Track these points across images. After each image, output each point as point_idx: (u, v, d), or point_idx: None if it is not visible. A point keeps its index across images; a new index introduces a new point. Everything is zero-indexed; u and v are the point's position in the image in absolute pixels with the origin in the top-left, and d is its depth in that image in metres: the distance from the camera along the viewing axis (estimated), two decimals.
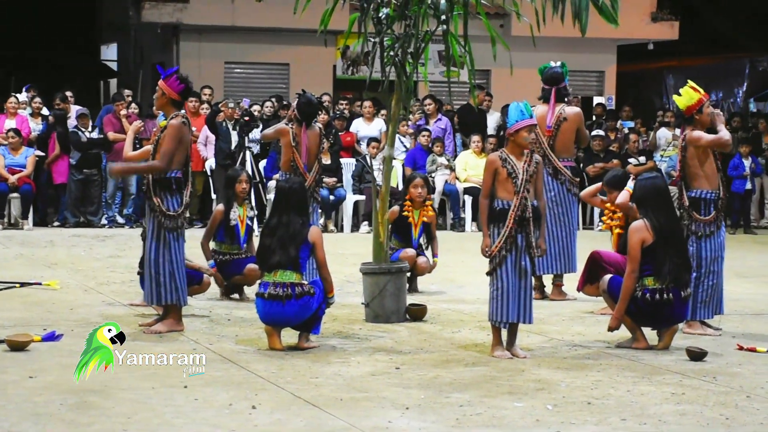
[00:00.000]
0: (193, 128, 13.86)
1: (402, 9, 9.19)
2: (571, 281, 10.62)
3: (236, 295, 10.46)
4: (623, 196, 9.56)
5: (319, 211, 10.98)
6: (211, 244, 10.42)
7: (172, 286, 8.58)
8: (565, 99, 10.77)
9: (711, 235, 8.94)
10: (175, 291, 8.60)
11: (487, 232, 7.96)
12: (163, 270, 8.55)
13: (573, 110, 10.74)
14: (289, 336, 8.20)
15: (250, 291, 10.10)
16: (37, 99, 17.89)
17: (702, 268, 8.90)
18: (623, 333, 8.52)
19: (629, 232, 8.39)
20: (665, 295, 8.22)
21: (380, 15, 9.27)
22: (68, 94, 18.20)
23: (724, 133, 8.89)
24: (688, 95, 8.98)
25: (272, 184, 14.62)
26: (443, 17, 8.95)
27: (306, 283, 8.05)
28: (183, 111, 8.82)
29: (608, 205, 9.93)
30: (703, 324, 9.05)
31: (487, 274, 8.02)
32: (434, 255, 11.18)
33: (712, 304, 8.97)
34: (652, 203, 8.36)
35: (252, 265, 9.98)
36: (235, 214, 10.43)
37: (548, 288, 10.88)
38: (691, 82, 9.10)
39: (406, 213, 10.98)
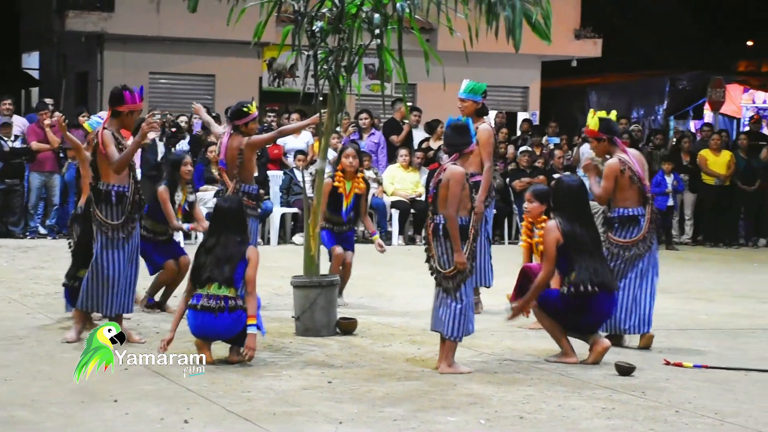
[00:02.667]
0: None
1: (336, 22, 9.19)
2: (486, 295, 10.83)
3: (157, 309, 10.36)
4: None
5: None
6: (147, 222, 10.25)
7: (116, 296, 8.59)
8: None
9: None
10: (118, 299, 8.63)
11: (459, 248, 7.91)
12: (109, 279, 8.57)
13: (484, 128, 10.78)
14: (220, 349, 8.13)
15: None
16: None
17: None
18: (552, 347, 8.58)
19: (544, 232, 8.48)
20: (590, 287, 8.27)
21: (314, 28, 9.26)
22: (7, 102, 17.71)
23: (595, 189, 9.09)
24: (592, 121, 9.10)
25: (199, 195, 14.48)
26: (377, 31, 8.97)
27: (240, 297, 7.99)
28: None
29: (525, 222, 9.96)
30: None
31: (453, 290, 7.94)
32: (371, 233, 11.17)
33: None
34: (563, 205, 8.43)
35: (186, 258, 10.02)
36: (179, 198, 10.38)
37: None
38: (598, 113, 9.18)
39: (337, 184, 10.90)
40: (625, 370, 8.04)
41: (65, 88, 24.68)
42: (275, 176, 17.63)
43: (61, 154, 16.92)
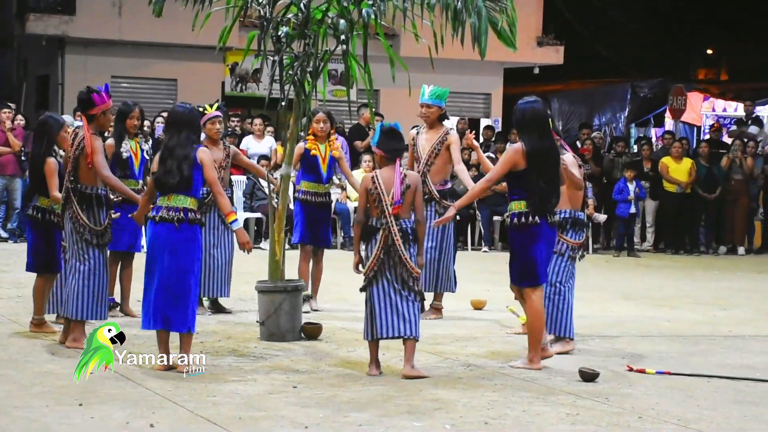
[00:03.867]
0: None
1: (302, 28, 9.20)
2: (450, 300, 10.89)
3: (119, 313, 10.29)
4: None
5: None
6: None
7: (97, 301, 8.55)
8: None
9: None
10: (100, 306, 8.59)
11: None
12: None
13: (455, 134, 10.86)
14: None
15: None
16: None
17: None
18: (515, 352, 8.62)
19: (507, 150, 8.44)
20: (531, 218, 8.24)
21: (279, 33, 9.26)
22: None
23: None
24: None
25: None
26: (343, 37, 8.98)
27: (196, 211, 7.89)
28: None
29: None
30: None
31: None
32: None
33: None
34: (528, 127, 8.31)
35: None
36: (126, 146, 10.22)
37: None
38: None
39: (309, 146, 10.82)
40: (588, 376, 8.08)
41: (26, 92, 24.52)
42: (239, 181, 17.60)
43: (23, 157, 16.81)
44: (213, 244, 10.49)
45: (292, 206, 11.38)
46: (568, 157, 9.01)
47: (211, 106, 10.38)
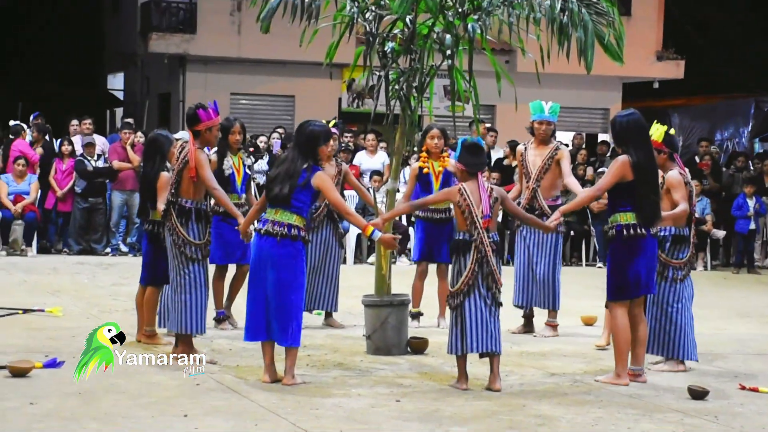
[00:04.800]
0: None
1: (407, 43, 9.23)
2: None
3: (229, 325, 10.42)
4: None
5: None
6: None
7: (196, 315, 8.62)
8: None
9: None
10: (198, 320, 8.65)
11: None
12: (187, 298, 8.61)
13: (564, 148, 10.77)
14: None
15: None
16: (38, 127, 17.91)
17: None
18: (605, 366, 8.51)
19: (613, 162, 8.34)
20: (639, 230, 8.19)
21: (386, 49, 9.30)
22: (87, 122, 18.17)
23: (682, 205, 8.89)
24: (657, 133, 8.94)
25: None
26: (448, 52, 8.99)
27: (302, 228, 7.93)
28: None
29: None
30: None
31: None
32: None
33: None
34: (633, 139, 8.23)
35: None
36: (228, 162, 10.35)
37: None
38: (663, 127, 9.05)
39: (422, 164, 10.78)
40: (698, 394, 7.94)
41: (148, 109, 25.06)
42: (351, 196, 17.70)
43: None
44: (321, 259, 10.57)
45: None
46: (675, 174, 8.86)
47: (328, 122, 10.42)
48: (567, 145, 11.51)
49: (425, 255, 10.84)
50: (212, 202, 9.29)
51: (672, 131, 9.12)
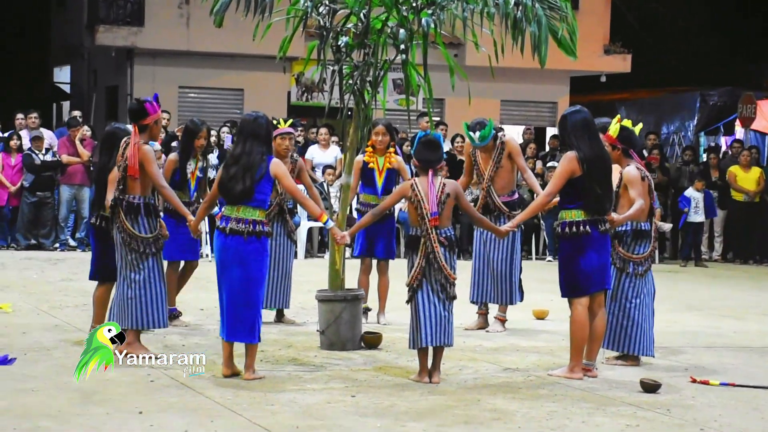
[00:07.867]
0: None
1: (361, 37, 9.22)
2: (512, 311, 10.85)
3: (184, 321, 10.36)
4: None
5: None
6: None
7: (156, 309, 8.56)
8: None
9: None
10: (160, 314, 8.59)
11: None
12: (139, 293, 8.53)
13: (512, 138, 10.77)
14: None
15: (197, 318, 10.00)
16: None
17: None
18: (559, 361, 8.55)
19: (561, 160, 8.40)
20: (582, 227, 8.26)
21: (339, 43, 9.29)
22: (33, 116, 17.96)
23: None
24: (613, 128, 8.95)
25: None
26: (402, 46, 8.99)
27: (265, 223, 7.93)
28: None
29: None
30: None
31: None
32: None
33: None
34: (579, 135, 8.29)
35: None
36: (191, 167, 10.34)
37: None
38: (624, 121, 9.04)
39: (368, 159, 10.80)
40: (650, 387, 8.00)
41: (95, 102, 24.84)
42: (303, 191, 17.64)
43: (91, 167, 17.03)
44: (274, 255, 10.54)
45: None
46: (632, 170, 8.84)
47: (285, 121, 10.37)
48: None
49: (366, 250, 10.84)
50: (161, 200, 9.25)
51: (637, 128, 9.10)
